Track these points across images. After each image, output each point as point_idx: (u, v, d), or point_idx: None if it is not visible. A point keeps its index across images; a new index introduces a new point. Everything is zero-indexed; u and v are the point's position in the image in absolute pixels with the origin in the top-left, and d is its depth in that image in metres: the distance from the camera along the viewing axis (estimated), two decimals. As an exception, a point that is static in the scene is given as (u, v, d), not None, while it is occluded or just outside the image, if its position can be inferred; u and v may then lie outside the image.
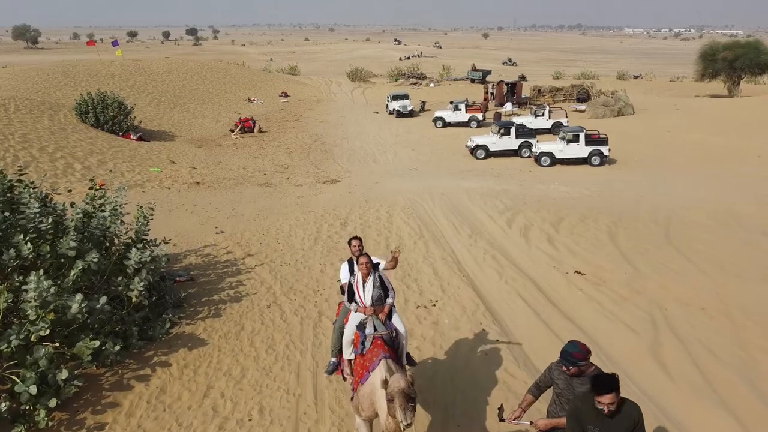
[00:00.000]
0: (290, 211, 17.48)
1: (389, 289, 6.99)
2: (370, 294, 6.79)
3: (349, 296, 6.91)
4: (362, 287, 6.81)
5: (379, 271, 6.97)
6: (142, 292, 8.76)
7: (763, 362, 8.59)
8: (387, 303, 6.88)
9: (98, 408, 7.61)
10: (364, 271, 6.76)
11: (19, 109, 27.66)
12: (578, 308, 10.55)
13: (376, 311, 6.75)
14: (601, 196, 19.88)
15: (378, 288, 6.83)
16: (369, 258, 6.82)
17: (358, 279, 6.87)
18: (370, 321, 6.65)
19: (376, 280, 6.84)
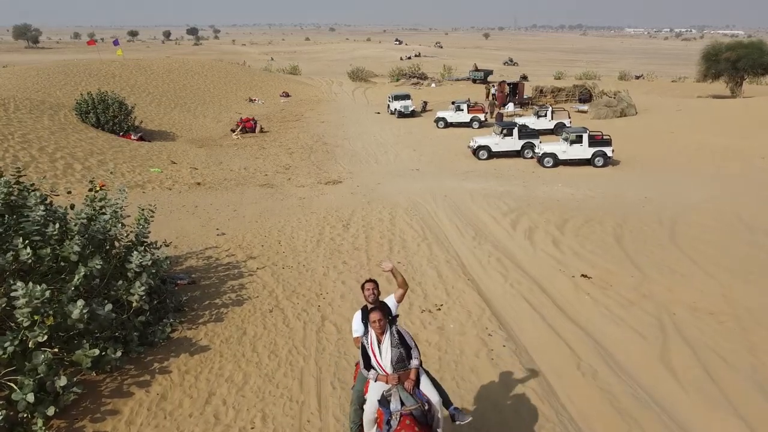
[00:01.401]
0: (292, 213, 17.33)
1: (412, 347, 5.78)
2: (388, 356, 5.62)
3: (365, 362, 5.76)
4: (378, 349, 5.67)
5: (396, 324, 5.88)
6: (142, 296, 8.60)
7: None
8: (412, 366, 5.67)
9: (97, 416, 7.45)
10: (378, 330, 5.64)
11: (18, 109, 27.50)
12: (585, 312, 10.39)
13: (401, 378, 5.61)
14: (605, 197, 19.72)
15: (397, 347, 5.66)
16: (382, 313, 5.67)
17: (372, 339, 5.71)
18: (395, 393, 5.51)
19: (394, 337, 5.68)
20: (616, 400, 7.78)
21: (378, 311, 5.63)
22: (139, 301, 8.62)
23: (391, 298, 6.30)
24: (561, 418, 7.41)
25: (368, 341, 5.71)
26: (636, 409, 7.59)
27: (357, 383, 6.23)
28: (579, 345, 9.21)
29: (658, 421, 7.39)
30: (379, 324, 5.59)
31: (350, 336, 9.29)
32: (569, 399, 7.85)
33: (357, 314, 6.29)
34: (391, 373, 5.60)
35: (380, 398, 5.56)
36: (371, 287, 6.13)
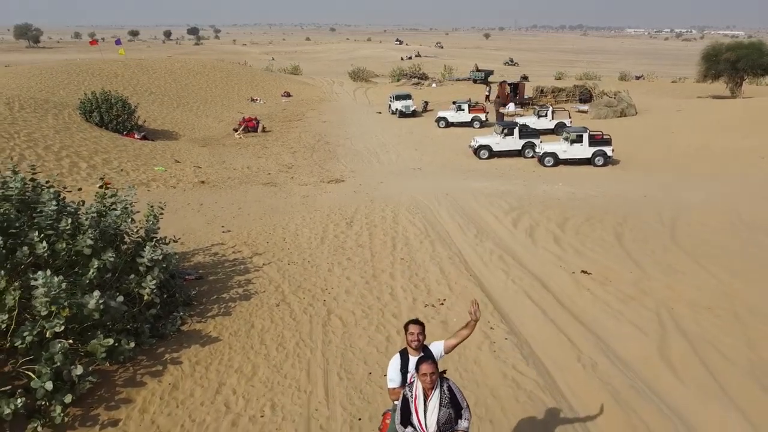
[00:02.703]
0: (296, 211, 17.55)
1: (463, 408, 4.98)
2: (434, 416, 4.85)
3: (402, 417, 4.96)
4: (423, 405, 4.87)
5: (449, 380, 5.09)
6: (153, 290, 8.82)
7: (771, 361, 8.66)
8: (460, 428, 4.94)
9: (112, 404, 7.67)
10: (428, 386, 4.83)
11: (23, 108, 27.72)
12: (585, 308, 10.61)
13: None
14: (605, 196, 19.93)
15: (447, 407, 4.88)
16: (435, 365, 4.84)
17: (417, 392, 4.90)
18: None
19: (444, 395, 4.90)
20: (616, 392, 7.99)
21: (432, 363, 4.82)
22: (150, 294, 8.84)
23: (439, 345, 5.45)
24: (561, 407, 7.63)
25: (412, 395, 4.90)
26: (635, 400, 7.81)
27: None
28: (579, 339, 9.42)
29: (657, 412, 7.60)
30: (430, 379, 4.77)
31: (355, 329, 9.58)
32: (570, 390, 8.06)
33: (394, 360, 5.43)
34: None
35: None
36: (417, 331, 5.25)
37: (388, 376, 5.43)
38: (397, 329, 9.66)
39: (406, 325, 5.36)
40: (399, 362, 5.33)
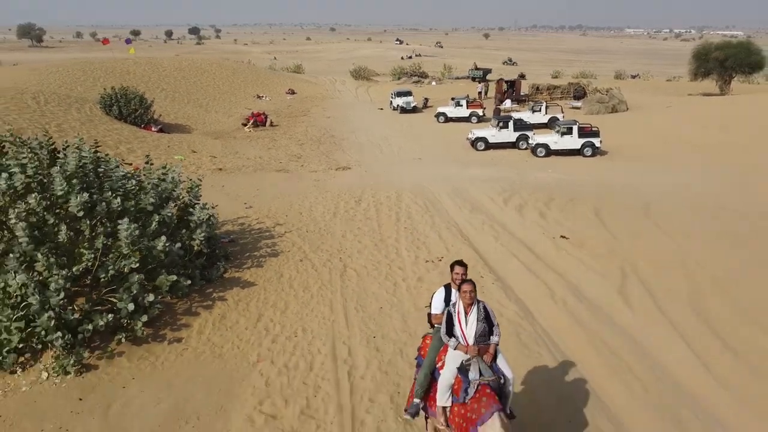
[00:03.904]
0: (309, 192, 19.42)
1: (495, 325, 6.04)
2: (473, 328, 5.86)
3: (447, 329, 5.99)
4: (464, 320, 5.89)
5: (484, 302, 6.12)
6: (202, 241, 10.72)
7: (709, 297, 10.58)
8: (492, 342, 5.97)
9: (175, 327, 9.58)
10: (468, 301, 5.89)
11: (49, 102, 29.58)
12: (561, 263, 12.52)
13: (480, 351, 5.86)
14: (591, 182, 21.80)
15: (482, 321, 5.91)
16: (474, 286, 5.95)
17: (459, 309, 5.94)
18: (474, 364, 5.76)
19: (480, 312, 5.93)
20: (580, 320, 9.91)
21: (472, 283, 5.90)
22: (200, 245, 10.74)
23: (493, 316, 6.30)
24: (535, 329, 9.53)
25: (455, 311, 5.95)
26: (596, 325, 9.73)
27: (428, 355, 6.36)
28: (554, 284, 11.35)
29: (613, 333, 9.52)
30: (470, 295, 5.83)
31: (367, 278, 11.51)
32: (543, 318, 9.99)
33: (439, 293, 6.46)
34: (472, 344, 5.84)
35: (459, 366, 5.80)
36: (461, 271, 6.22)
37: (433, 305, 6.46)
38: (403, 278, 11.59)
39: (452, 265, 6.36)
40: (443, 294, 6.38)
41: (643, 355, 8.93)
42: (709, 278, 11.48)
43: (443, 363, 6.00)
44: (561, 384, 8.17)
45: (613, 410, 7.67)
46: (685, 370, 8.53)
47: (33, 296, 8.30)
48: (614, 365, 8.65)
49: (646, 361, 8.73)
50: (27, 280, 8.48)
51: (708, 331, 9.48)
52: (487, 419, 5.23)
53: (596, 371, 8.49)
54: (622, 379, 8.31)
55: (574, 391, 8.00)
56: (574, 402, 7.69)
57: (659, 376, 8.39)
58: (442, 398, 5.86)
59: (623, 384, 8.19)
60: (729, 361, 8.71)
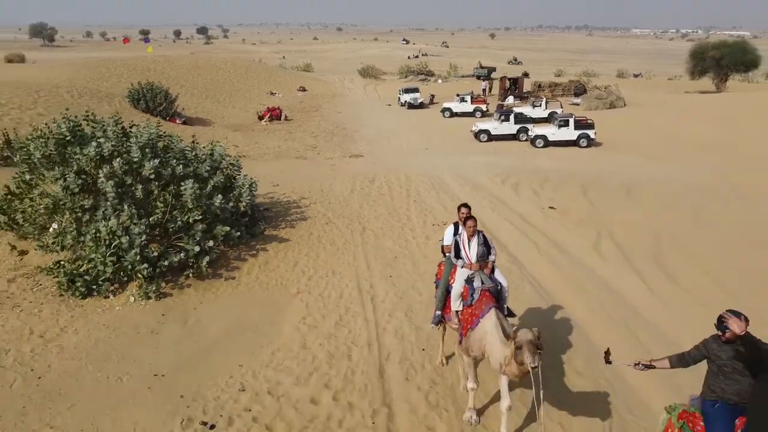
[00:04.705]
0: (327, 174, 21.62)
1: (492, 248, 7.73)
2: (475, 251, 7.52)
3: (455, 253, 7.67)
4: (468, 245, 7.58)
5: (482, 232, 7.79)
6: (247, 203, 12.93)
7: (668, 251, 12.74)
8: (490, 260, 7.62)
9: (228, 268, 11.81)
10: (470, 232, 7.55)
11: (82, 96, 31.94)
12: (547, 226, 14.69)
13: (481, 266, 7.47)
14: (584, 169, 23.90)
15: (482, 245, 7.59)
16: (476, 221, 7.69)
17: (463, 238, 7.64)
18: (477, 276, 7.33)
19: (480, 239, 7.63)
20: (560, 265, 12.10)
21: (474, 219, 7.68)
22: (245, 206, 12.95)
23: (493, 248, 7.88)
24: (522, 273, 11.69)
25: (461, 239, 7.65)
26: (573, 269, 11.91)
27: (443, 276, 8.00)
28: (540, 242, 13.53)
29: (585, 275, 11.67)
30: (472, 228, 7.58)
31: (383, 237, 13.74)
32: (529, 265, 12.17)
33: (449, 228, 8.26)
34: (474, 262, 7.50)
35: (466, 279, 7.43)
36: (466, 211, 7.92)
37: (444, 238, 8.22)
38: (413, 237, 13.80)
39: (459, 207, 8.10)
40: (453, 229, 8.12)
41: (608, 289, 11.11)
42: (671, 238, 13.62)
43: (454, 279, 7.69)
44: (542, 312, 10.29)
45: (583, 328, 9.78)
46: (638, 297, 10.72)
47: (123, 237, 10.54)
48: (585, 296, 10.83)
49: (609, 294, 10.91)
50: (116, 225, 10.71)
51: (660, 272, 11.66)
52: (485, 313, 6.75)
53: (571, 301, 10.65)
54: (590, 306, 10.47)
55: (553, 315, 10.14)
56: (553, 323, 9.83)
57: (618, 302, 10.56)
58: (455, 304, 7.58)
59: (590, 309, 10.36)
60: (671, 289, 10.94)
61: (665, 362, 5.49)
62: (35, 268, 11.58)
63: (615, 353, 5.87)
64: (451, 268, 7.89)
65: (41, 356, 8.97)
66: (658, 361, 5.55)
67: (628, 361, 5.78)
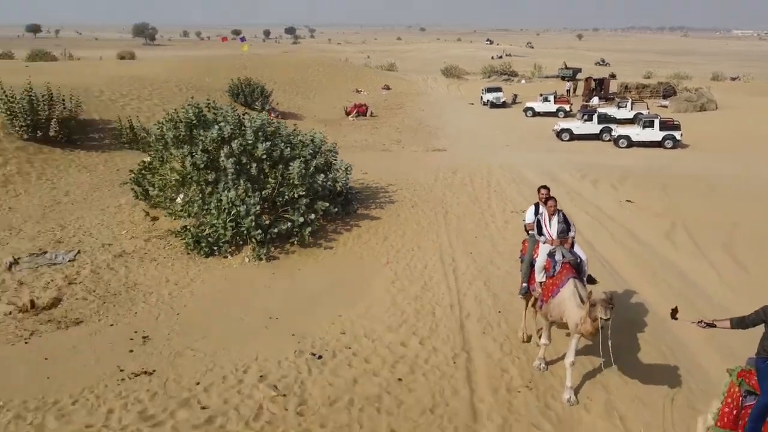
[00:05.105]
0: (411, 165, 22.94)
1: (571, 225, 8.47)
2: (555, 228, 8.28)
3: (538, 230, 8.47)
4: (548, 223, 8.38)
5: (562, 210, 8.57)
6: (343, 184, 14.47)
7: (740, 244, 13.17)
8: (570, 236, 8.37)
9: (327, 239, 13.42)
10: (551, 211, 8.36)
11: (188, 90, 34.94)
12: (623, 218, 15.38)
13: (562, 242, 8.19)
14: (665, 168, 23.98)
15: (562, 223, 8.32)
16: (556, 201, 8.54)
17: (544, 217, 8.45)
18: (558, 250, 8.05)
19: (560, 217, 8.37)
20: (632, 252, 12.85)
21: (554, 199, 8.57)
22: (342, 187, 14.50)
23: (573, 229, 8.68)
24: (596, 257, 12.52)
25: (543, 218, 8.48)
26: (644, 255, 12.62)
27: (527, 252, 8.88)
28: (614, 230, 14.31)
29: (654, 259, 12.38)
30: (553, 207, 8.43)
31: (464, 220, 14.93)
32: (603, 251, 12.96)
33: (530, 209, 9.26)
34: (555, 238, 8.27)
35: (548, 253, 8.18)
36: (545, 192, 8.91)
37: (526, 217, 9.31)
38: (492, 221, 14.91)
39: (539, 188, 9.17)
40: (533, 209, 9.11)
41: (677, 272, 11.80)
42: (745, 230, 14.02)
43: (538, 254, 8.50)
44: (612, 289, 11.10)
45: (649, 303, 10.55)
46: (707, 281, 11.38)
47: (241, 206, 12.32)
48: (653, 278, 11.58)
49: (678, 276, 11.60)
50: (235, 197, 12.50)
51: (731, 260, 12.18)
52: (565, 283, 7.58)
53: (639, 280, 11.46)
54: (658, 286, 11.23)
55: (622, 293, 10.96)
56: (621, 298, 10.66)
57: (686, 283, 11.25)
58: (538, 276, 8.36)
59: (658, 288, 11.12)
60: (740, 275, 11.51)
61: (726, 323, 6.05)
62: (166, 231, 13.63)
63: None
64: (534, 244, 8.66)
65: (177, 298, 10.83)
66: (720, 321, 6.13)
67: (692, 319, 6.44)
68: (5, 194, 16.60)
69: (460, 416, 7.09)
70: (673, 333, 9.23)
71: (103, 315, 10.26)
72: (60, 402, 7.56)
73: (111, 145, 22.60)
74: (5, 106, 19.79)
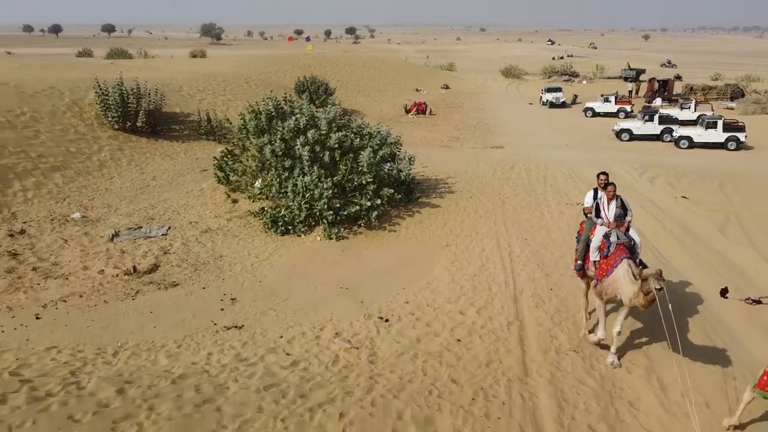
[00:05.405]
0: (470, 160, 23.77)
1: (628, 210, 8.82)
2: (612, 212, 8.73)
3: (596, 213, 8.88)
4: (606, 207, 8.82)
5: (621, 196, 8.90)
6: (406, 173, 15.53)
7: None
8: (626, 220, 8.79)
9: (391, 224, 14.52)
10: (609, 196, 8.77)
11: (258, 86, 36.90)
12: (677, 211, 15.80)
13: (618, 225, 8.63)
14: (725, 168, 23.90)
15: (619, 208, 8.76)
16: (615, 186, 8.89)
17: (603, 201, 8.87)
18: (613, 232, 8.49)
19: (618, 202, 8.80)
20: (683, 242, 13.35)
21: (613, 185, 8.88)
22: (405, 176, 15.56)
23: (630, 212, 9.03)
24: (646, 245, 13.09)
25: (602, 202, 8.90)
26: (694, 245, 13.10)
27: (584, 232, 9.24)
28: (666, 222, 14.79)
29: (704, 250, 12.84)
30: (612, 192, 8.81)
31: (520, 210, 15.70)
32: (653, 240, 13.51)
33: (589, 193, 9.63)
34: (612, 221, 8.69)
35: (604, 234, 8.63)
36: (604, 178, 9.28)
37: (585, 201, 9.61)
38: (548, 211, 15.64)
39: (598, 175, 9.46)
40: (592, 193, 9.46)
41: (726, 262, 12.24)
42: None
43: (594, 235, 8.94)
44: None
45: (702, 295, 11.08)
46: (755, 270, 11.78)
47: (315, 189, 13.56)
48: (703, 265, 12.09)
49: (726, 265, 12.05)
50: (309, 181, 13.76)
51: (782, 252, 12.52)
52: (619, 263, 8.05)
53: (686, 266, 12.00)
54: (707, 272, 11.73)
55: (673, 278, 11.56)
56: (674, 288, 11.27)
57: (733, 271, 11.73)
58: (593, 255, 8.85)
59: (705, 274, 11.63)
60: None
61: None
62: (245, 212, 15.06)
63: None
64: (591, 226, 9.10)
65: (259, 269, 12.16)
66: (765, 298, 6.53)
67: (740, 296, 7.01)
68: (101, 177, 18.50)
69: (513, 371, 8.01)
70: (718, 315, 9.83)
71: (196, 280, 11.70)
72: (167, 346, 8.93)
73: (190, 136, 24.50)
74: (99, 99, 21.86)
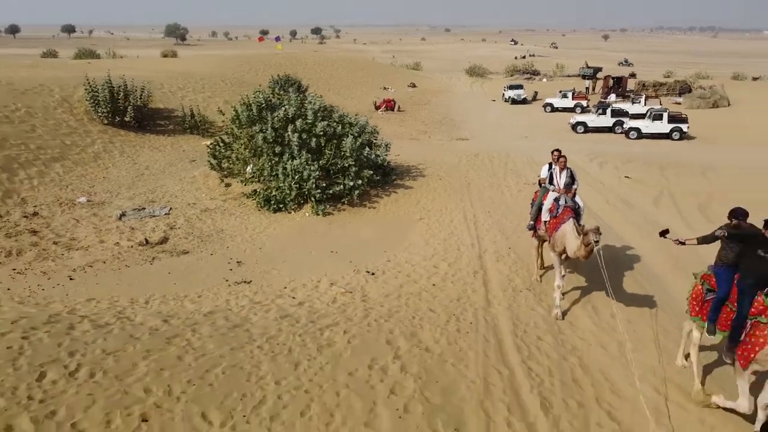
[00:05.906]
0: (438, 150, 25.80)
1: (576, 180, 10.65)
2: (563, 181, 10.45)
3: (549, 181, 10.63)
4: (559, 176, 10.53)
5: (570, 168, 10.71)
6: (383, 158, 17.41)
7: (714, 207, 15.79)
8: (573, 188, 10.47)
9: (370, 202, 16.41)
10: (561, 166, 10.51)
11: (232, 84, 38.32)
12: (619, 189, 18.07)
13: (567, 192, 10.30)
14: (668, 155, 26.47)
15: (569, 177, 10.49)
16: (566, 159, 10.68)
17: (555, 171, 10.59)
18: (562, 197, 10.15)
19: (568, 173, 10.53)
20: (622, 211, 15.53)
21: (565, 157, 10.63)
22: (382, 160, 17.44)
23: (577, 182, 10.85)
24: (590, 215, 15.24)
25: (555, 172, 10.61)
26: (631, 214, 15.30)
27: (537, 198, 10.91)
28: (610, 197, 17.01)
29: (639, 217, 15.04)
30: (563, 163, 10.57)
31: (484, 189, 17.70)
32: (597, 210, 15.66)
33: (545, 166, 11.02)
34: (562, 188, 10.42)
35: (555, 198, 10.25)
36: (557, 153, 10.74)
37: (541, 172, 11.08)
38: (507, 190, 17.71)
39: (552, 151, 10.90)
40: (547, 166, 10.93)
41: (658, 226, 14.40)
42: (721, 197, 16.59)
43: (546, 199, 10.54)
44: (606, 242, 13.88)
45: (636, 250, 13.24)
46: (681, 232, 13.98)
47: (304, 171, 15.34)
48: (637, 228, 14.29)
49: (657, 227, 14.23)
50: (298, 165, 15.53)
51: (702, 217, 14.85)
52: (566, 221, 9.65)
53: (623, 229, 14.17)
54: (642, 235, 13.93)
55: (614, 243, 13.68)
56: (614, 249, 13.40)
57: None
58: (544, 215, 10.46)
59: (641, 237, 13.82)
60: (708, 228, 13.99)
61: (694, 240, 7.87)
62: (239, 194, 16.74)
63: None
64: (544, 192, 10.71)
65: (257, 239, 13.90)
66: (689, 239, 7.94)
67: (673, 238, 8.26)
68: (97, 167, 19.89)
69: (479, 303, 9.97)
70: (649, 268, 11.98)
71: (203, 248, 13.37)
72: (189, 296, 10.61)
73: (175, 131, 25.93)
74: (90, 95, 23.16)
